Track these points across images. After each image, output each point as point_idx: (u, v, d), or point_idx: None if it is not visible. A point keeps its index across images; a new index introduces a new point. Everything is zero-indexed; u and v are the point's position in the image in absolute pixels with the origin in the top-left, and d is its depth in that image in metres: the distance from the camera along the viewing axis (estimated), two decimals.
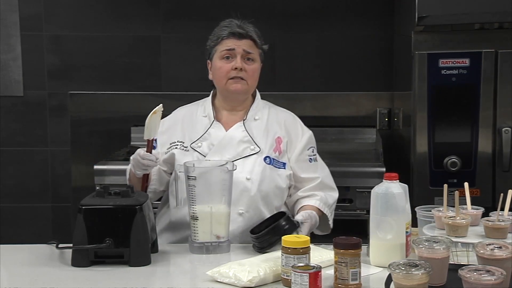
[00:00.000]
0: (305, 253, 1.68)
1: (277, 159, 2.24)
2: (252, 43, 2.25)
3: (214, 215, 1.98)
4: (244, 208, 2.18)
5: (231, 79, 2.22)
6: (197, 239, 1.98)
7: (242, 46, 2.23)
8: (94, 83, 3.53)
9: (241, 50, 2.22)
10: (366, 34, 3.48)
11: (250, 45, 2.24)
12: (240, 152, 2.22)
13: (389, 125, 3.48)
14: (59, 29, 3.50)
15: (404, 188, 1.82)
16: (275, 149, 2.25)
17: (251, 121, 2.27)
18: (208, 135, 2.24)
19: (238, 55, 2.22)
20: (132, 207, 1.86)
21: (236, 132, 2.24)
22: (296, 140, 2.29)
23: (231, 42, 2.23)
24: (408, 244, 1.80)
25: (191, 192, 1.99)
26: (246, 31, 2.24)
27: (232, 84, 2.23)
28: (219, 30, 2.27)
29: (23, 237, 3.50)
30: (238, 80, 2.23)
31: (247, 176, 2.18)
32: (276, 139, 2.26)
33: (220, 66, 2.24)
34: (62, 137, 3.55)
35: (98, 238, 1.83)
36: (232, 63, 2.22)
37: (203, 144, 2.23)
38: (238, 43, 2.23)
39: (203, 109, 2.31)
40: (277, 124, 2.29)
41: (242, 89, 2.24)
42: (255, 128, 2.26)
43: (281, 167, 2.24)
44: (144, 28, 3.52)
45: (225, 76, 2.23)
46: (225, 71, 2.23)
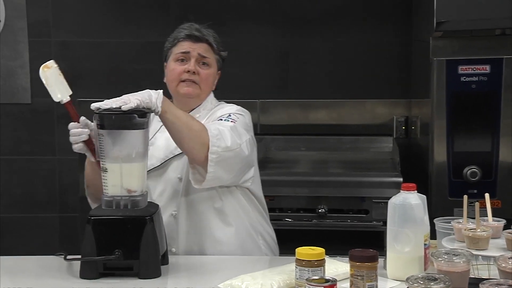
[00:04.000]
0: (319, 265, 1.68)
1: None
2: (209, 48, 2.26)
3: (125, 167, 1.91)
4: (176, 210, 2.19)
5: (183, 82, 2.24)
6: (107, 192, 1.92)
7: (197, 49, 2.24)
8: (103, 90, 3.55)
9: (196, 53, 2.24)
10: (382, 39, 3.48)
11: (206, 49, 2.26)
12: (173, 149, 2.19)
13: (406, 133, 3.47)
14: (67, 35, 3.53)
15: (422, 199, 1.82)
16: None
17: None
18: (154, 139, 2.25)
19: (193, 59, 2.24)
20: (142, 218, 1.87)
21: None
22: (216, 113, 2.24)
23: (186, 45, 2.25)
24: (426, 257, 1.80)
25: (100, 142, 1.93)
26: (203, 35, 2.26)
27: (184, 87, 2.24)
28: (176, 32, 2.30)
29: (30, 248, 3.51)
30: (190, 83, 2.23)
31: (179, 176, 2.19)
32: None
33: (173, 68, 2.25)
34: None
35: (107, 250, 1.84)
36: (186, 65, 2.24)
37: (151, 148, 2.19)
38: (193, 46, 2.24)
39: None
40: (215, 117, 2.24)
41: (193, 93, 2.24)
42: None
43: None
44: (153, 34, 3.54)
45: (177, 78, 2.24)
46: (177, 73, 2.24)
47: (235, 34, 3.53)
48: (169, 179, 2.18)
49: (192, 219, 2.20)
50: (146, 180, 1.97)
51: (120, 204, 1.90)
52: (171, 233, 2.14)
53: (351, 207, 2.86)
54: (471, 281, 1.65)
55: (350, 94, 3.51)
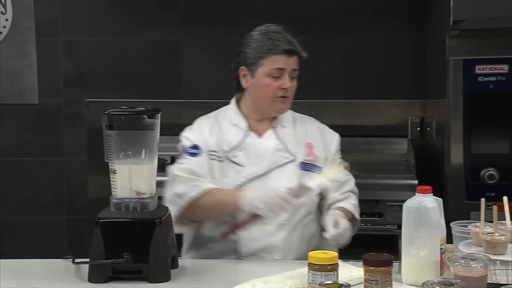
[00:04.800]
0: (333, 270, 1.68)
1: (311, 163, 2.26)
2: (297, 59, 2.26)
3: (134, 169, 1.93)
4: (286, 219, 2.20)
5: (278, 98, 2.24)
6: (116, 194, 1.93)
7: (291, 65, 2.23)
8: (111, 91, 3.56)
9: (290, 69, 2.23)
10: (396, 39, 3.47)
11: (296, 62, 2.26)
12: (276, 160, 2.24)
13: (421, 134, 3.46)
14: (75, 35, 3.55)
15: (438, 202, 1.81)
16: (308, 154, 2.28)
17: (279, 128, 2.30)
18: (245, 145, 2.26)
19: (286, 74, 2.22)
20: (152, 221, 1.87)
21: (268, 141, 2.27)
22: (326, 144, 2.32)
23: (282, 60, 2.22)
24: (442, 261, 1.79)
25: (109, 143, 1.93)
26: (295, 48, 2.24)
27: (279, 103, 2.25)
28: (266, 40, 2.24)
29: (37, 251, 3.53)
30: (283, 99, 2.24)
31: (287, 186, 2.19)
32: (306, 144, 2.29)
33: (268, 84, 2.23)
34: (78, 147, 3.59)
35: (116, 253, 1.85)
36: (280, 82, 2.22)
37: (239, 154, 2.24)
38: (288, 62, 2.23)
39: (229, 118, 2.32)
40: (304, 130, 2.32)
41: (286, 108, 2.28)
42: (286, 135, 2.29)
43: (314, 171, 2.25)
44: (163, 33, 3.55)
45: (271, 95, 2.23)
46: (272, 90, 2.23)
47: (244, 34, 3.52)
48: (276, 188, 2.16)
49: (299, 228, 2.22)
50: (155, 182, 1.97)
51: (129, 207, 1.91)
52: (277, 242, 2.15)
53: (365, 210, 2.85)
54: (489, 286, 1.65)
55: (363, 94, 3.50)
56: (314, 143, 2.30)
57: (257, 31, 2.28)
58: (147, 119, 1.91)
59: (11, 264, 2.08)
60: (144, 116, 1.91)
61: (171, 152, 3.48)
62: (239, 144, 2.26)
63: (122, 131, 1.92)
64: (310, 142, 2.30)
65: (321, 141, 2.32)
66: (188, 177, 2.18)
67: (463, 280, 1.56)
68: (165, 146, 3.24)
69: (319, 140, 2.32)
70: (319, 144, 2.31)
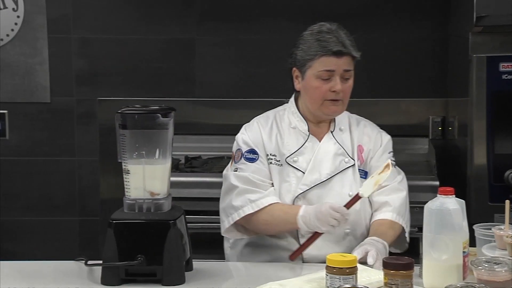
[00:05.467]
0: (351, 273, 1.68)
1: (360, 168, 2.27)
2: (351, 59, 2.23)
3: (147, 169, 1.93)
4: (350, 227, 2.19)
5: (328, 101, 2.21)
6: (129, 195, 1.94)
7: (342, 66, 2.20)
8: (125, 89, 3.58)
9: (341, 70, 2.20)
10: (417, 35, 3.46)
11: (349, 62, 2.22)
12: (337, 166, 2.23)
13: (443, 134, 3.45)
14: (88, 32, 3.57)
15: (460, 204, 1.80)
16: (358, 158, 2.28)
17: (337, 131, 2.29)
18: (305, 149, 2.25)
19: (337, 76, 2.20)
20: (166, 222, 1.88)
21: (328, 145, 2.26)
22: (376, 146, 2.31)
23: (331, 62, 2.18)
24: (465, 265, 1.78)
25: (122, 143, 1.93)
26: (346, 48, 2.20)
27: (329, 106, 2.22)
28: (314, 42, 2.21)
29: (48, 252, 3.55)
30: (334, 102, 2.21)
31: (350, 192, 2.19)
32: (357, 147, 2.29)
33: (317, 87, 2.21)
34: (90, 146, 3.61)
35: (129, 255, 1.86)
36: (330, 84, 2.19)
37: (300, 159, 2.23)
38: (338, 63, 2.19)
39: (289, 120, 2.30)
40: (358, 132, 2.31)
41: (339, 111, 2.25)
42: (343, 139, 2.28)
43: (362, 177, 2.25)
44: (177, 31, 3.56)
45: (321, 98, 2.21)
46: (322, 93, 2.20)
47: (262, 31, 3.54)
48: (339, 195, 2.18)
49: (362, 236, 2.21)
50: (169, 182, 1.98)
51: (143, 207, 1.92)
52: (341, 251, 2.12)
53: None
54: None
55: (383, 93, 3.49)
56: (364, 146, 2.29)
57: (309, 31, 2.25)
58: (161, 118, 1.92)
59: (23, 265, 2.10)
60: (158, 115, 1.91)
61: (185, 152, 3.50)
62: (299, 149, 2.24)
63: (135, 130, 1.93)
64: (360, 145, 2.29)
65: (372, 143, 2.31)
66: (245, 189, 2.18)
67: (486, 285, 1.55)
68: (179, 146, 3.28)
69: (371, 142, 2.30)
70: (369, 147, 2.30)
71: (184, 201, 2.73)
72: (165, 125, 1.94)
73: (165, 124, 1.94)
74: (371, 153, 2.30)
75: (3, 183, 3.61)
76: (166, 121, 1.93)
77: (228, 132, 3.46)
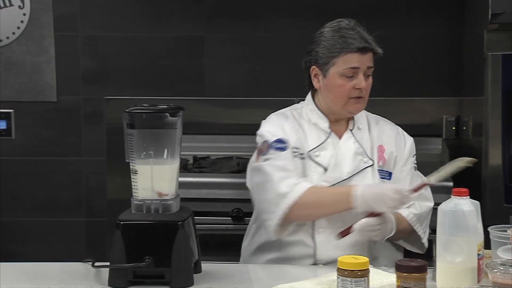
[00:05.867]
0: (363, 276, 1.67)
1: (381, 169, 2.26)
2: (373, 56, 2.23)
3: (155, 169, 1.93)
4: None
5: (352, 99, 2.22)
6: (137, 196, 1.94)
7: (365, 62, 2.20)
8: (132, 88, 3.59)
9: (365, 67, 2.21)
10: (431, 32, 3.45)
11: (371, 59, 2.23)
12: (357, 165, 2.24)
13: (457, 134, 3.44)
14: (95, 30, 3.58)
15: (475, 205, 1.80)
16: (379, 158, 2.27)
17: (356, 130, 2.29)
18: (327, 145, 2.25)
19: (361, 73, 2.20)
20: (174, 223, 1.88)
21: (348, 144, 2.26)
22: (399, 148, 2.31)
23: (355, 59, 2.19)
24: (480, 268, 1.78)
25: (130, 143, 1.93)
26: (370, 45, 2.21)
27: (353, 104, 2.22)
28: (338, 38, 2.21)
29: (55, 254, 3.57)
30: (358, 99, 2.22)
31: None
32: (378, 147, 2.28)
33: (341, 84, 2.21)
34: (97, 146, 3.62)
35: (137, 256, 1.86)
36: (354, 81, 2.20)
37: (321, 154, 2.24)
38: (362, 60, 2.20)
39: (308, 117, 2.30)
40: (377, 132, 2.31)
41: (361, 109, 2.26)
42: (362, 138, 2.28)
43: (386, 178, 2.25)
44: (186, 28, 3.57)
45: (346, 96, 2.21)
46: (346, 91, 2.21)
47: (272, 29, 3.54)
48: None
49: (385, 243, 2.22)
50: (178, 183, 1.99)
51: (150, 208, 1.93)
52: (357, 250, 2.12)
53: None
54: None
55: (395, 91, 3.48)
56: (385, 146, 2.29)
57: (328, 28, 2.24)
58: (169, 118, 1.92)
59: (29, 267, 2.11)
60: (166, 115, 1.92)
61: (193, 152, 3.51)
62: (321, 144, 2.24)
63: (143, 130, 1.94)
64: (381, 145, 2.29)
65: (394, 144, 2.30)
66: (284, 175, 2.17)
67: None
68: (188, 146, 3.28)
69: (393, 143, 2.30)
70: (391, 147, 2.29)
71: (193, 202, 2.72)
72: (174, 124, 1.94)
73: (174, 124, 1.94)
74: (396, 156, 2.29)
75: (8, 183, 3.63)
76: (174, 121, 1.94)
77: (237, 131, 3.49)
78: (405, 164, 2.29)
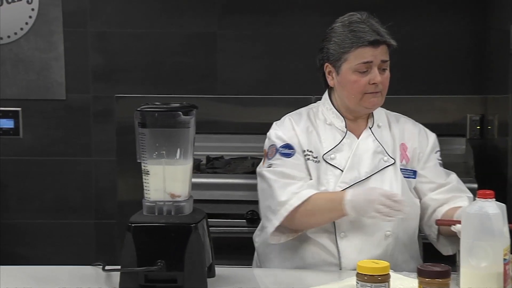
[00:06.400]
0: (384, 281, 1.67)
1: (405, 168, 2.25)
2: (387, 48, 2.22)
3: (168, 169, 1.93)
4: (391, 229, 2.18)
5: (368, 94, 2.20)
6: (149, 197, 1.94)
7: (379, 56, 2.18)
8: (143, 85, 3.60)
9: (379, 60, 2.19)
10: (454, 28, 3.43)
11: (385, 52, 2.21)
12: (376, 164, 2.22)
13: (481, 134, 3.42)
14: (105, 25, 3.59)
15: (501, 208, 1.78)
16: (402, 157, 2.26)
17: (375, 128, 2.28)
18: (342, 146, 2.24)
19: (375, 67, 2.19)
20: (187, 225, 1.88)
21: (367, 142, 2.25)
22: (422, 145, 2.30)
23: (368, 53, 2.17)
24: (506, 273, 1.76)
25: (141, 142, 1.93)
26: (382, 37, 2.19)
27: (370, 98, 2.21)
28: (348, 33, 2.19)
29: (63, 257, 3.58)
30: (374, 94, 2.20)
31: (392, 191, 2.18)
32: (400, 145, 2.27)
33: (355, 80, 2.19)
34: (108, 146, 3.63)
35: (148, 260, 1.86)
36: (369, 76, 2.18)
37: (337, 156, 2.23)
38: (375, 53, 2.18)
39: (324, 117, 2.29)
40: (398, 130, 2.30)
41: (379, 103, 2.24)
42: (382, 136, 2.27)
43: (411, 177, 2.24)
44: (198, 24, 3.57)
45: (361, 92, 2.20)
46: (361, 86, 2.19)
47: (287, 24, 3.53)
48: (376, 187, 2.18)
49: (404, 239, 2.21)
50: (191, 184, 1.99)
51: (163, 210, 1.93)
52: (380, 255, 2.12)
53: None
54: None
55: (416, 89, 3.47)
56: (407, 144, 2.28)
57: (339, 23, 2.24)
58: (182, 116, 1.92)
59: (37, 271, 2.12)
60: (179, 113, 1.92)
61: (206, 152, 3.52)
62: (336, 145, 2.24)
63: (155, 129, 1.94)
64: (403, 143, 2.28)
65: (417, 141, 2.29)
66: (285, 183, 2.17)
67: None
68: (201, 145, 3.28)
69: (415, 140, 2.29)
70: (414, 145, 2.28)
71: (206, 203, 2.74)
72: (187, 123, 1.94)
73: (187, 123, 1.94)
74: (419, 153, 2.28)
75: (16, 184, 3.65)
76: (187, 120, 1.94)
77: (252, 131, 3.49)
78: (427, 160, 2.28)
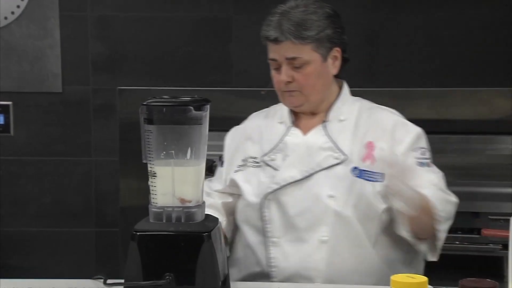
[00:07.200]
0: None
1: (368, 169, 2.23)
2: (293, 44, 2.23)
3: (177, 171, 1.95)
4: (327, 234, 2.18)
5: (285, 92, 2.28)
6: (155, 202, 1.95)
7: (282, 53, 2.24)
8: (149, 77, 3.61)
9: (283, 58, 2.24)
10: (499, 12, 3.41)
11: (291, 48, 2.23)
12: (321, 161, 2.23)
13: None
14: (107, 9, 3.60)
15: None
16: (366, 157, 2.24)
17: (334, 122, 2.30)
18: (284, 145, 2.28)
19: (283, 65, 2.25)
20: (199, 234, 1.88)
21: (314, 138, 2.27)
22: (396, 142, 2.27)
23: (271, 49, 2.27)
24: None
25: (147, 141, 1.94)
26: (281, 33, 2.22)
27: (286, 97, 2.29)
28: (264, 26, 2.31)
29: (62, 268, 3.60)
30: (290, 93, 2.27)
31: (330, 193, 2.19)
32: (367, 143, 2.26)
33: (273, 77, 2.31)
34: (109, 144, 3.64)
35: (155, 273, 1.86)
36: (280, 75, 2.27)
37: (278, 156, 2.27)
38: (278, 50, 2.25)
39: (280, 115, 2.36)
40: (369, 126, 2.29)
41: (298, 103, 2.28)
42: (340, 131, 2.27)
43: (376, 180, 2.21)
44: (211, 8, 3.57)
45: (278, 89, 2.31)
46: (276, 84, 2.30)
47: None
48: (316, 196, 2.20)
49: (345, 246, 2.21)
50: (203, 188, 1.99)
51: (171, 217, 1.93)
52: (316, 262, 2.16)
53: (461, 225, 2.82)
54: None
55: (458, 81, 3.45)
56: (376, 143, 2.26)
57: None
58: (193, 112, 1.92)
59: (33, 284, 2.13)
60: (190, 108, 1.92)
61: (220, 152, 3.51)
62: (277, 145, 2.29)
63: (163, 125, 1.94)
64: (371, 141, 2.26)
65: (389, 138, 2.27)
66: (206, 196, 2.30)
67: None
68: (214, 144, 3.28)
69: (387, 137, 2.27)
70: (384, 143, 2.26)
71: None
72: (199, 119, 1.94)
73: (199, 119, 1.94)
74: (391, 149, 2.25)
75: (7, 187, 3.67)
76: (199, 115, 1.94)
77: None
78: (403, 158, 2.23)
